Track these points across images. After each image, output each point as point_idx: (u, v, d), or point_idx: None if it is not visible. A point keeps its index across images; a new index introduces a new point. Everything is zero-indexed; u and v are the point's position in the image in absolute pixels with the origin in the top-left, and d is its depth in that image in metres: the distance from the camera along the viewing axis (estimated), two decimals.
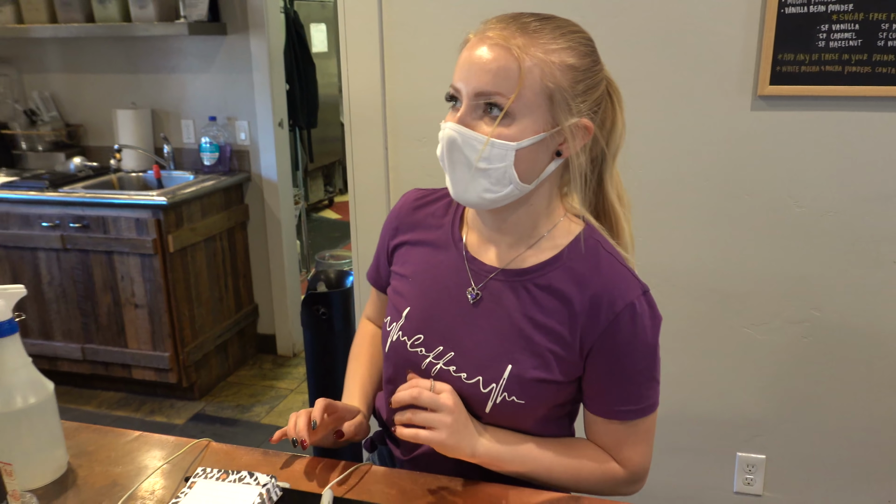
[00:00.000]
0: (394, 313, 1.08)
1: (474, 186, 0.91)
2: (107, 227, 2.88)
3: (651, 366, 0.98)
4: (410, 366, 1.03)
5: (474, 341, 0.99)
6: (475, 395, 0.98)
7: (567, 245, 0.99)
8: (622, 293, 0.95)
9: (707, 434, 1.93)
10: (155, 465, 1.03)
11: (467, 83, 0.90)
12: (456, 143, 0.90)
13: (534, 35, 0.90)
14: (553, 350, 0.96)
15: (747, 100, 1.69)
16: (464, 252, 1.04)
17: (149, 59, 3.33)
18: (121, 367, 3.06)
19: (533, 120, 0.90)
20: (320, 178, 6.15)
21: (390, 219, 1.15)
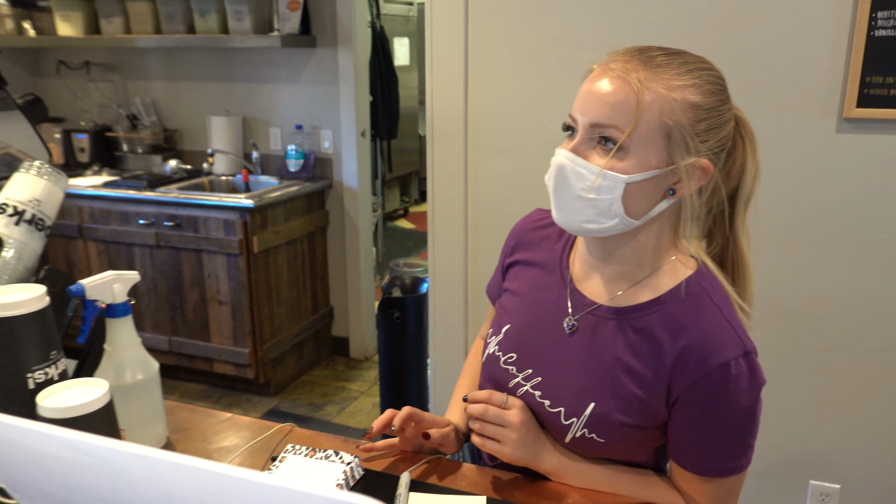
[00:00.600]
0: (496, 327, 1.11)
1: (578, 215, 0.91)
2: (197, 226, 3.04)
3: (742, 429, 0.93)
4: (499, 381, 1.06)
5: (562, 372, 1.00)
6: (556, 425, 0.99)
7: (670, 289, 0.96)
8: (717, 350, 0.90)
9: (780, 460, 1.89)
10: (244, 444, 1.11)
11: (584, 114, 0.90)
12: (565, 170, 0.90)
13: (657, 69, 0.88)
14: (638, 395, 0.94)
15: (832, 122, 1.68)
16: (568, 280, 1.05)
17: (243, 69, 3.51)
18: (203, 361, 3.21)
19: (647, 155, 0.88)
20: (397, 188, 6.28)
21: (511, 236, 1.18)
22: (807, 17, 1.64)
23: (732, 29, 1.70)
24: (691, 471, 0.96)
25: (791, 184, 1.74)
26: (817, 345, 1.80)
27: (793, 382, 1.84)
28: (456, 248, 2.08)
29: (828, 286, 1.76)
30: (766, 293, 1.81)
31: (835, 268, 1.74)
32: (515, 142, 1.97)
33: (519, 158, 1.97)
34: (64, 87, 3.85)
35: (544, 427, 1.02)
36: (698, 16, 1.72)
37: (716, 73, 0.94)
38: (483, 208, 2.05)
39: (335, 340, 3.68)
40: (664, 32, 1.75)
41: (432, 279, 2.12)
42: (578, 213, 0.91)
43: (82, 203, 3.22)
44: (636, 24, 1.77)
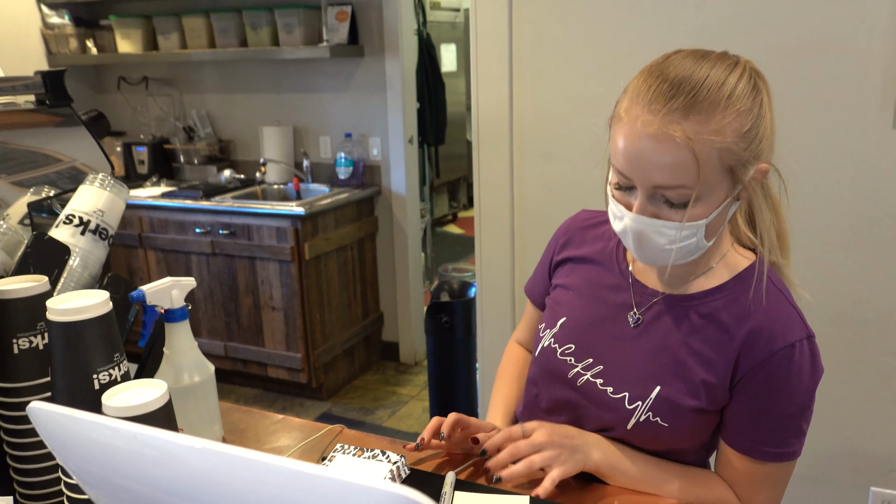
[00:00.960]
0: (549, 321, 1.12)
1: (663, 259, 0.94)
2: (251, 234, 3.12)
3: (799, 413, 0.95)
4: (557, 373, 1.07)
5: (626, 359, 1.02)
6: (619, 411, 1.00)
7: (734, 276, 0.99)
8: (784, 332, 0.93)
9: (840, 466, 1.84)
10: (296, 444, 1.14)
11: (642, 177, 0.88)
12: (644, 235, 0.92)
13: (698, 114, 0.85)
14: (705, 379, 0.96)
15: (889, 117, 1.63)
16: (629, 275, 1.06)
17: (293, 80, 3.59)
18: (257, 365, 3.29)
19: (716, 195, 0.90)
20: (445, 194, 6.32)
21: (559, 234, 1.19)
22: (862, 11, 1.60)
23: (782, 26, 1.67)
24: (746, 454, 0.97)
25: (847, 182, 1.69)
26: (879, 348, 1.74)
27: (853, 386, 1.79)
28: (503, 253, 2.09)
29: (888, 287, 1.71)
30: (825, 296, 1.77)
31: (894, 267, 1.69)
32: (560, 146, 1.97)
33: (564, 162, 1.97)
34: (124, 102, 4.00)
35: (605, 415, 1.02)
36: (748, 14, 1.69)
37: (745, 75, 0.90)
38: (529, 212, 2.05)
39: (385, 345, 3.72)
40: (712, 34, 1.73)
41: (480, 283, 2.14)
42: (664, 258, 0.94)
43: (142, 213, 3.33)
44: (683, 26, 1.75)
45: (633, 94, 0.90)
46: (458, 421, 1.05)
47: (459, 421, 1.05)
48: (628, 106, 0.90)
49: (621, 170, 0.91)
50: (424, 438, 1.03)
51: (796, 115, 1.70)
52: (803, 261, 1.77)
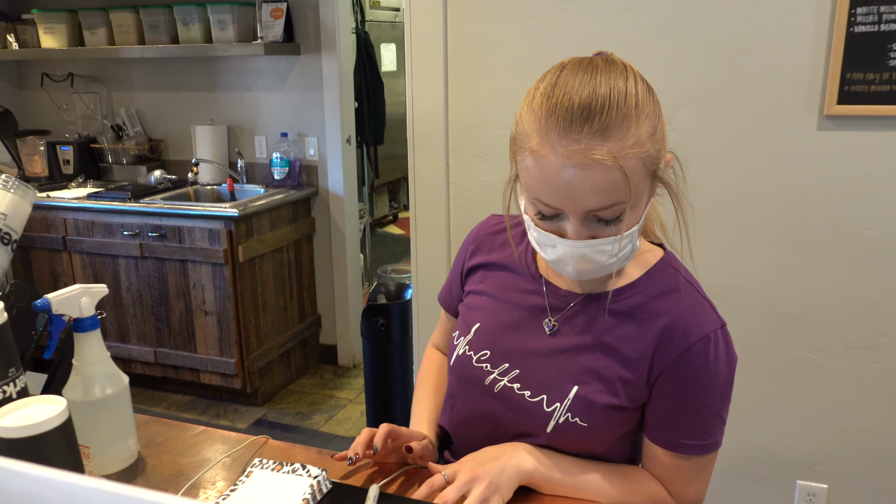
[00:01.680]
0: (463, 328, 1.10)
1: (601, 271, 0.93)
2: (182, 236, 3.02)
3: (719, 403, 0.96)
4: (473, 381, 1.05)
5: (542, 361, 1.01)
6: (538, 415, 0.98)
7: (645, 272, 1.00)
8: (698, 324, 0.94)
9: (766, 460, 1.88)
10: (217, 457, 1.09)
11: (575, 205, 0.87)
12: (587, 258, 0.90)
13: (618, 131, 0.85)
14: (622, 376, 0.96)
15: (814, 119, 1.67)
16: (542, 278, 1.05)
17: (227, 78, 3.49)
18: (190, 371, 3.18)
19: (644, 198, 0.91)
20: (386, 194, 6.27)
21: (468, 241, 1.18)
22: (787, 14, 1.63)
23: (711, 29, 1.69)
24: (671, 449, 0.98)
25: (774, 182, 1.73)
26: (804, 344, 1.79)
27: (780, 382, 1.83)
28: (439, 254, 2.07)
29: (813, 285, 1.75)
30: (752, 293, 1.80)
31: (819, 266, 1.74)
32: (496, 146, 1.96)
33: (500, 163, 1.96)
34: (48, 100, 3.83)
35: (524, 421, 1.00)
36: (678, 17, 1.71)
37: (637, 77, 0.90)
38: (466, 213, 2.04)
39: (323, 348, 3.66)
40: (644, 35, 1.74)
41: (416, 285, 2.11)
42: (608, 271, 0.94)
43: (67, 215, 3.19)
44: (616, 27, 1.76)
45: (542, 126, 0.87)
46: (389, 432, 1.02)
47: (391, 432, 1.02)
48: (540, 140, 0.87)
49: (549, 202, 0.88)
50: (359, 454, 0.99)
51: (724, 116, 1.72)
52: (732, 259, 1.80)
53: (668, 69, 1.73)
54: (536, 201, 0.90)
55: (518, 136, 0.92)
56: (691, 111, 1.73)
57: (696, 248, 1.79)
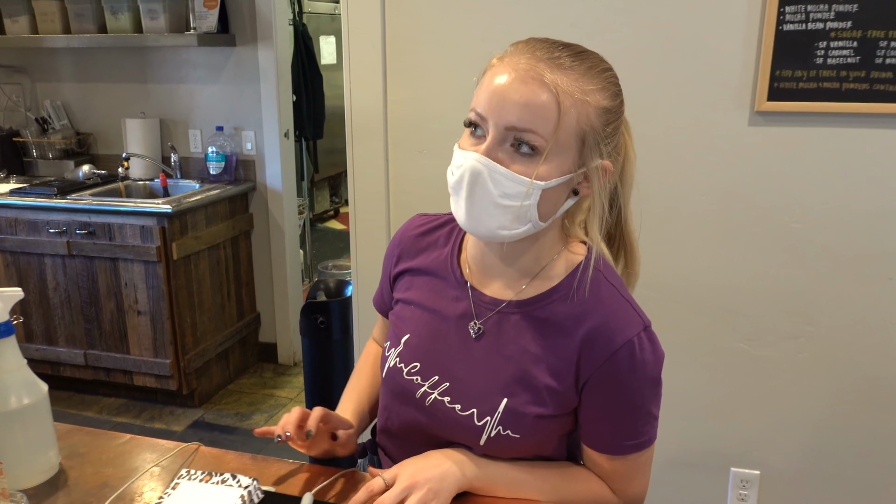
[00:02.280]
0: (393, 339, 1.07)
1: (491, 221, 0.89)
2: (112, 234, 2.91)
3: (649, 402, 0.96)
4: (405, 394, 1.03)
5: (471, 373, 0.98)
6: (469, 428, 0.97)
7: (567, 276, 0.97)
8: (621, 328, 0.93)
9: (702, 449, 1.92)
10: (145, 467, 1.04)
11: (498, 115, 0.86)
12: (481, 177, 0.87)
13: (569, 72, 0.86)
14: (549, 385, 0.95)
15: (745, 115, 1.71)
16: (467, 284, 1.02)
17: (159, 70, 3.38)
18: (122, 374, 3.07)
19: (562, 160, 0.88)
20: (326, 189, 6.18)
21: (393, 244, 1.14)
22: (719, 11, 1.66)
23: (647, 25, 1.71)
24: (606, 452, 0.98)
25: (706, 177, 1.76)
26: (736, 335, 1.83)
27: (713, 373, 1.87)
28: (379, 250, 2.04)
29: (745, 277, 1.79)
30: (686, 286, 1.84)
31: (750, 259, 1.78)
32: (436, 141, 1.94)
33: (440, 158, 1.94)
34: None
35: (456, 435, 0.99)
36: (617, 12, 1.72)
37: (615, 73, 0.94)
38: (406, 208, 2.01)
39: (262, 347, 3.59)
40: (583, 30, 1.74)
41: (356, 282, 2.08)
42: (493, 219, 0.89)
43: None
44: (555, 22, 1.76)
45: (509, 51, 0.90)
46: (323, 416, 0.99)
47: (325, 416, 1.00)
48: (502, 57, 0.90)
49: (479, 108, 0.88)
50: (290, 433, 0.96)
51: (659, 112, 1.75)
52: (666, 254, 1.83)
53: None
54: (472, 111, 0.90)
55: (483, 71, 0.93)
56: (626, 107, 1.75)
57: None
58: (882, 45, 1.61)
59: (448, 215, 1.10)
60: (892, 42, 1.60)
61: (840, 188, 1.69)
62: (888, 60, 1.61)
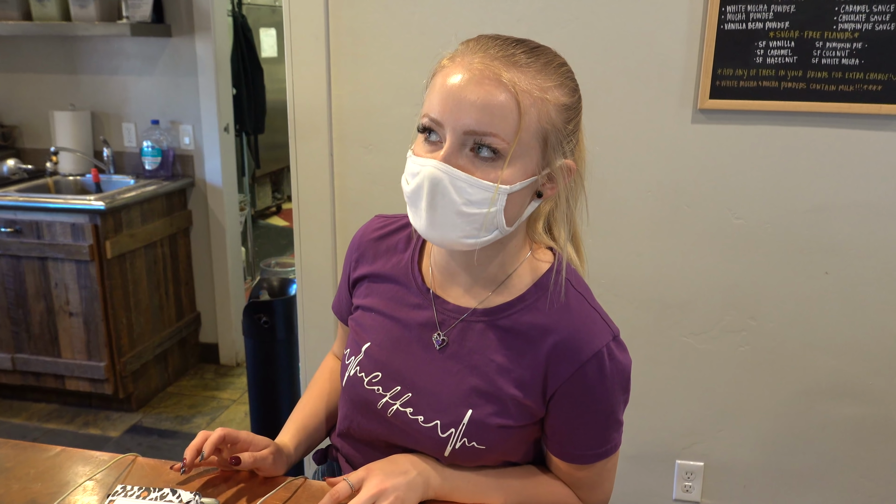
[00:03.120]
0: (354, 347, 1.03)
1: (455, 231, 0.85)
2: (41, 232, 2.77)
3: (617, 410, 0.94)
4: (366, 404, 0.99)
5: (434, 384, 0.95)
6: (433, 440, 0.94)
7: (534, 284, 0.94)
8: (590, 340, 0.90)
9: (647, 441, 1.95)
10: (77, 481, 0.98)
11: (455, 119, 0.81)
12: (441, 184, 0.82)
13: (526, 70, 0.83)
14: (514, 395, 0.92)
15: (688, 113, 1.73)
16: (430, 292, 0.99)
17: (89, 60, 3.23)
18: (53, 378, 2.94)
19: (525, 163, 0.84)
20: (268, 185, 6.06)
21: (352, 248, 1.09)
22: (663, 10, 1.67)
23: (593, 21, 1.71)
24: (573, 461, 0.96)
25: (650, 174, 1.78)
26: (681, 329, 1.86)
27: (659, 367, 1.89)
28: (324, 248, 2.00)
29: (689, 272, 1.82)
30: (632, 281, 1.85)
31: (694, 254, 1.80)
32: (381, 136, 1.90)
33: (386, 153, 1.91)
34: None
35: (420, 445, 0.96)
36: (562, 7, 1.71)
37: (570, 69, 0.91)
38: (351, 204, 1.97)
39: (203, 347, 3.48)
40: (529, 24, 1.73)
41: (300, 280, 2.03)
42: (457, 228, 0.85)
43: None
44: (501, 15, 1.75)
45: (461, 50, 0.86)
46: (223, 438, 0.95)
47: (226, 437, 0.95)
48: (453, 56, 0.86)
49: (433, 112, 0.83)
50: (186, 459, 0.92)
51: (604, 109, 1.75)
52: (611, 249, 1.84)
53: None
54: (426, 117, 0.85)
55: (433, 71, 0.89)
56: None
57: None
58: (818, 45, 1.65)
59: (405, 218, 1.05)
60: (827, 43, 1.64)
61: (779, 185, 1.72)
62: (823, 60, 1.65)
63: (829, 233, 1.73)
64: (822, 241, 1.74)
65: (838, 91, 1.65)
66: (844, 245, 1.73)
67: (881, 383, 1.80)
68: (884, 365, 1.78)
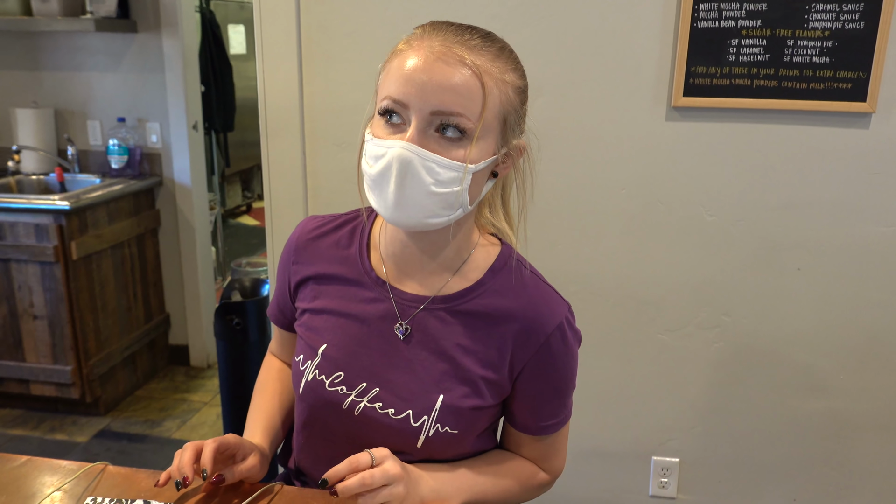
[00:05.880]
0: (307, 351, 1.01)
1: (422, 211, 0.87)
2: (3, 233, 2.70)
3: (573, 378, 1.01)
4: (329, 406, 0.97)
5: (402, 374, 0.95)
6: (405, 431, 0.94)
7: (489, 268, 0.98)
8: (551, 314, 0.96)
9: (623, 439, 1.95)
10: (44, 492, 0.95)
11: (423, 100, 0.83)
12: (411, 165, 0.83)
13: (484, 53, 0.86)
14: (483, 375, 0.95)
15: (662, 110, 1.73)
16: (385, 284, 0.98)
17: (52, 56, 3.15)
18: (17, 383, 2.86)
19: (488, 142, 0.87)
20: (238, 184, 5.98)
21: (287, 252, 1.07)
22: (636, 8, 1.68)
23: (569, 20, 1.71)
24: (537, 433, 1.01)
25: (625, 171, 1.78)
26: (656, 326, 1.86)
27: (635, 364, 1.89)
28: None
29: (663, 269, 1.82)
30: (607, 279, 1.85)
31: (669, 251, 1.81)
32: (355, 134, 1.85)
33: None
34: None
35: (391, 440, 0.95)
36: (535, 4, 1.71)
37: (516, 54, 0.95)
38: (325, 203, 1.95)
39: (173, 349, 3.42)
40: (503, 22, 1.72)
41: (272, 280, 2.00)
42: (424, 208, 0.87)
43: None
44: (475, 12, 1.74)
45: (416, 35, 0.89)
46: (217, 448, 0.91)
47: (220, 447, 0.92)
48: (409, 40, 0.88)
49: (397, 94, 0.85)
50: (188, 477, 0.88)
51: (577, 105, 1.75)
52: (586, 247, 1.84)
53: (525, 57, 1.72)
54: (387, 99, 0.86)
55: (388, 57, 0.91)
56: (546, 100, 1.74)
57: (550, 237, 1.82)
58: (790, 43, 1.66)
59: (344, 215, 1.06)
60: (798, 41, 1.66)
61: (752, 182, 1.74)
62: (795, 59, 1.66)
63: (800, 229, 1.74)
64: (794, 237, 1.75)
65: (809, 89, 1.67)
66: (816, 241, 1.75)
67: (852, 378, 1.82)
68: (854, 360, 1.81)
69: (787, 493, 1.93)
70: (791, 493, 1.93)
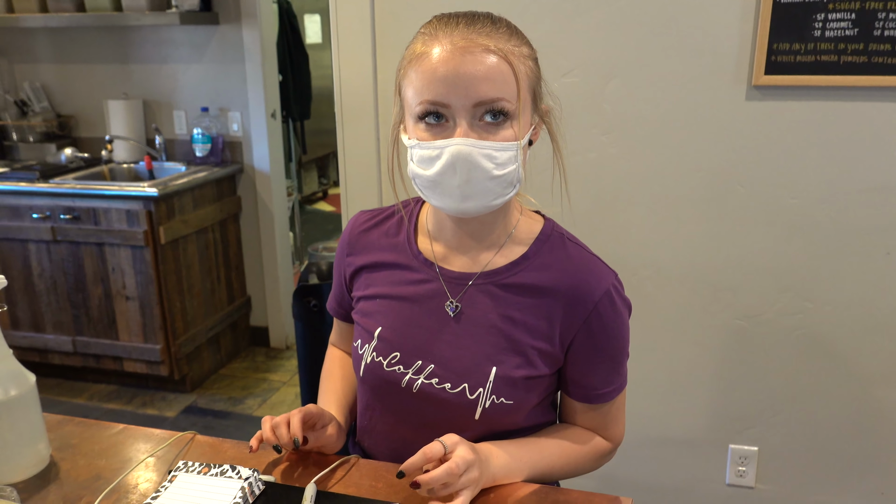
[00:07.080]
0: (364, 336, 1.05)
1: (487, 195, 0.91)
2: (97, 218, 2.85)
3: (626, 345, 1.02)
4: (389, 386, 1.01)
5: (455, 350, 0.98)
6: (462, 404, 0.97)
7: (533, 241, 1.01)
8: (598, 282, 0.98)
9: (700, 426, 1.92)
10: (139, 458, 1.02)
11: (464, 95, 0.87)
12: (472, 158, 0.88)
13: (500, 35, 0.90)
14: (535, 346, 0.97)
15: (742, 90, 1.68)
16: (434, 265, 1.02)
17: (140, 49, 3.30)
18: (112, 360, 3.04)
19: (526, 115, 0.92)
20: (315, 170, 6.12)
21: (341, 247, 1.13)
22: None
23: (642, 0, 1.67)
24: (594, 402, 1.02)
25: (703, 153, 1.74)
26: (733, 312, 1.82)
27: (711, 351, 1.86)
28: None
29: (741, 253, 1.78)
30: (683, 264, 1.82)
31: (748, 235, 1.76)
32: None
33: None
34: None
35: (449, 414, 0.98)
36: None
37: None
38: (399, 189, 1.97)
39: (254, 331, 3.55)
40: (575, 4, 1.70)
41: None
42: (490, 193, 0.92)
43: None
44: None
45: (428, 34, 0.91)
46: (303, 418, 0.96)
47: (305, 416, 0.97)
48: (425, 42, 0.90)
49: (436, 96, 0.88)
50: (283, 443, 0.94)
51: (654, 87, 1.71)
52: (662, 231, 1.81)
53: (597, 40, 1.70)
54: (425, 102, 0.89)
55: (402, 62, 0.94)
56: (620, 83, 1.72)
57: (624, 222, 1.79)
58: (881, 16, 1.58)
59: (391, 207, 1.10)
60: (890, 13, 1.57)
61: (837, 163, 1.67)
62: (886, 32, 1.58)
63: (890, 212, 1.66)
64: (882, 220, 1.67)
65: None
66: None
67: None
68: None
69: (874, 487, 1.86)
70: (879, 487, 1.85)
